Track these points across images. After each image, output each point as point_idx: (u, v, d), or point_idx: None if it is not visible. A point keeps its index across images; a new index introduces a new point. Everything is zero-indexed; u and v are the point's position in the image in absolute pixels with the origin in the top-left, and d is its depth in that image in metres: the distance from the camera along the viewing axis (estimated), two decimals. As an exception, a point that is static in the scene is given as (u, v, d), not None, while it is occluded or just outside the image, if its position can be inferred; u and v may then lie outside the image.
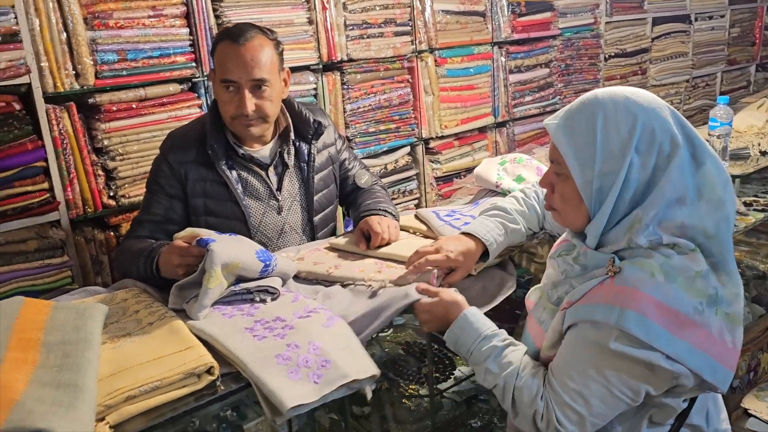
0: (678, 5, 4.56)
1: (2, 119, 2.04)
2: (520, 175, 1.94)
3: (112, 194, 2.33)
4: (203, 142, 1.78)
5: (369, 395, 1.26)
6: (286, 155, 1.86)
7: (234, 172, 1.79)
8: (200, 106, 2.49)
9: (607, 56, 4.16)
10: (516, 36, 3.59)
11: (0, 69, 2.00)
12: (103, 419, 1.09)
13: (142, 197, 2.35)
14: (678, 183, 1.14)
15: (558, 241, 1.36)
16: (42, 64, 2.11)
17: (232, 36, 1.72)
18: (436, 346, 2.04)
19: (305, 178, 1.89)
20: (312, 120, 1.87)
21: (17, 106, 2.07)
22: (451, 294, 1.40)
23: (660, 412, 1.21)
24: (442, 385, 1.95)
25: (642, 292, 1.10)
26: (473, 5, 3.36)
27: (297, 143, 1.88)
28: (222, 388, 1.21)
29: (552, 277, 1.33)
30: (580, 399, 1.15)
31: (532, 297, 1.39)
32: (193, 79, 2.49)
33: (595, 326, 1.13)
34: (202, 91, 2.50)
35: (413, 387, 2.02)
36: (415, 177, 3.32)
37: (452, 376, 1.97)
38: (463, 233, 1.58)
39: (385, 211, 1.82)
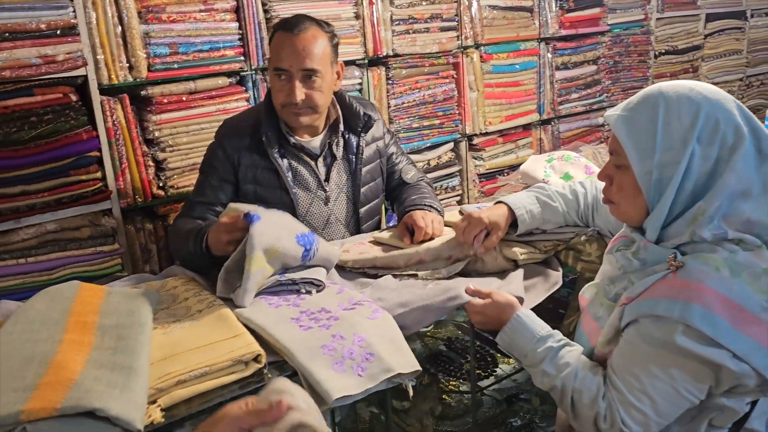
0: (733, 1, 4.42)
1: (60, 110, 2.10)
2: (567, 172, 1.91)
3: (161, 185, 2.39)
4: (257, 130, 1.83)
5: (410, 392, 1.26)
6: (334, 147, 1.89)
7: (285, 161, 1.83)
8: (247, 100, 2.53)
9: (657, 53, 4.07)
10: (563, 32, 3.54)
11: (58, 61, 2.06)
12: (154, 402, 1.12)
13: (190, 188, 2.40)
14: (742, 175, 1.11)
15: (615, 236, 1.34)
16: (98, 57, 2.18)
17: (288, 26, 1.76)
18: (478, 343, 2.03)
19: (353, 170, 1.91)
20: (362, 113, 1.90)
21: (74, 98, 2.14)
22: (504, 295, 1.39)
23: (721, 415, 1.17)
24: (483, 383, 1.95)
25: (707, 285, 1.08)
26: (521, 0, 3.33)
27: (346, 135, 1.91)
28: (269, 376, 1.23)
29: (609, 273, 1.31)
30: (646, 398, 1.12)
31: (586, 294, 1.37)
32: (241, 73, 2.53)
33: (657, 321, 1.11)
34: (250, 84, 2.54)
35: (454, 383, 2.02)
36: (457, 173, 3.31)
37: (494, 374, 1.96)
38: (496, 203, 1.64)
39: (430, 206, 1.82)
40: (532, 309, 1.48)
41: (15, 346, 1.15)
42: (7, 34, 1.97)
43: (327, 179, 1.89)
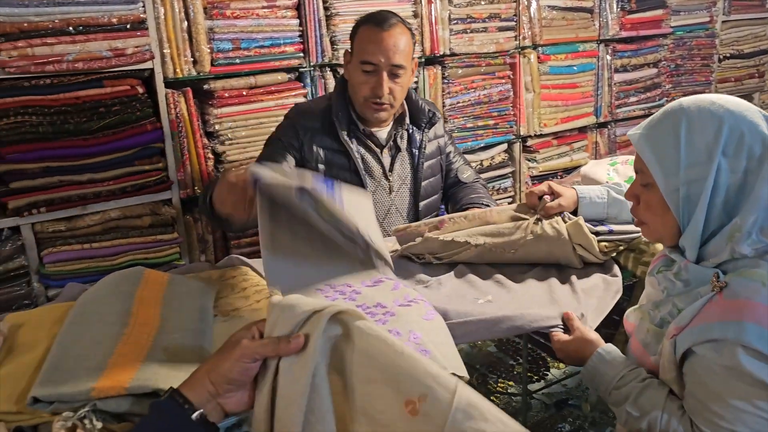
0: (805, 4, 4.25)
1: (127, 101, 2.18)
2: (631, 176, 1.87)
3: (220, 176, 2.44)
4: (328, 114, 1.90)
5: None
6: (399, 139, 1.94)
7: (354, 144, 1.87)
8: (305, 96, 2.57)
9: (721, 57, 3.94)
10: (624, 33, 3.46)
11: (127, 54, 2.13)
12: (215, 387, 1.15)
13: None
14: None
15: (655, 257, 1.32)
16: (164, 51, 2.25)
17: (377, 21, 1.81)
18: (530, 346, 2.01)
19: (415, 164, 1.96)
20: (427, 110, 1.96)
21: (140, 90, 2.21)
22: (587, 331, 1.36)
23: None
24: (533, 386, 1.93)
25: (756, 302, 1.05)
26: (581, 1, 3.27)
27: (410, 130, 1.95)
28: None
29: (652, 296, 1.28)
30: None
31: (631, 318, 1.34)
32: (300, 69, 2.56)
33: (714, 346, 1.07)
34: (308, 80, 2.58)
35: (502, 384, 2.01)
36: (510, 175, 3.28)
37: (545, 377, 1.94)
38: None
39: (487, 206, 1.82)
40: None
41: (85, 327, 1.20)
42: (81, 28, 2.05)
43: (391, 170, 1.93)
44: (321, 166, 1.88)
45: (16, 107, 2.02)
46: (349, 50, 1.90)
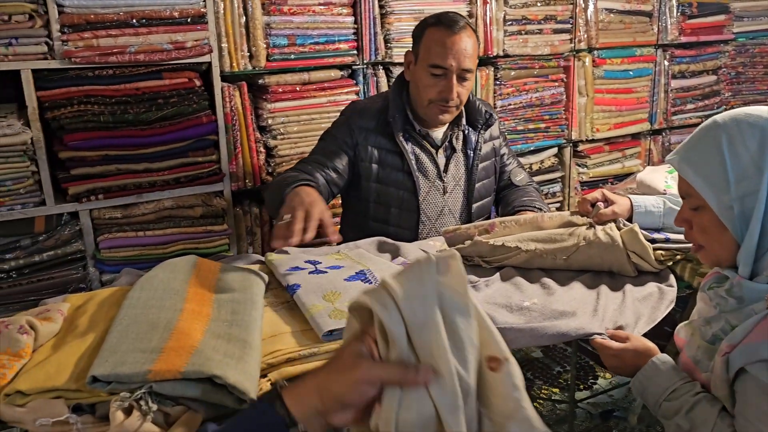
0: None
1: (184, 94, 2.22)
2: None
3: (270, 170, 2.48)
4: (384, 114, 1.89)
5: None
6: (454, 140, 1.93)
7: (409, 145, 1.87)
8: (357, 93, 2.58)
9: (785, 65, 3.79)
10: (683, 39, 3.37)
11: (187, 47, 2.18)
12: (265, 376, 1.16)
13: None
14: None
15: (708, 273, 1.28)
16: (222, 45, 2.29)
17: (446, 23, 1.79)
18: (578, 353, 1.97)
19: (470, 165, 1.95)
20: (484, 111, 1.94)
21: (198, 83, 2.25)
22: (642, 340, 1.33)
23: None
24: (579, 394, 1.89)
25: None
26: (640, 4, 3.20)
27: (466, 131, 1.94)
28: (372, 363, 1.24)
29: (704, 312, 1.24)
30: None
31: (681, 334, 1.31)
32: (353, 67, 2.58)
33: (767, 366, 1.03)
34: (361, 78, 2.59)
35: (546, 390, 1.98)
36: (559, 180, 3.23)
37: (592, 386, 1.90)
38: None
39: (540, 209, 1.80)
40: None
41: (141, 311, 1.23)
42: (144, 20, 2.10)
43: (446, 171, 1.92)
44: (374, 166, 1.88)
45: (80, 96, 2.08)
46: (412, 51, 1.89)
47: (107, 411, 1.00)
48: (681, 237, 1.59)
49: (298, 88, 2.45)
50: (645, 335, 1.38)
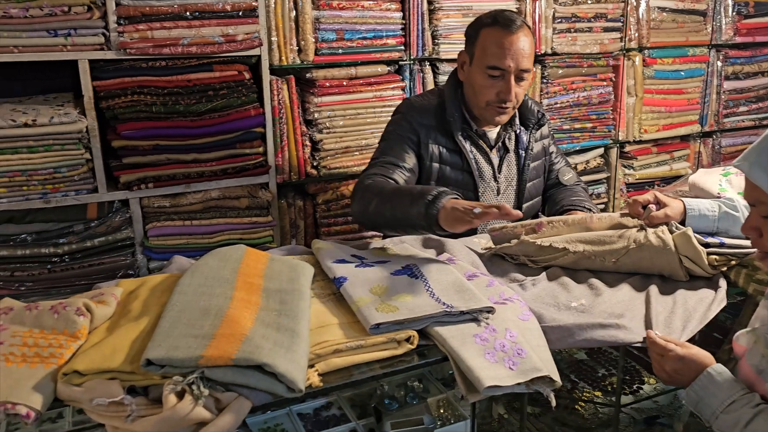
0: None
1: (234, 86, 2.25)
2: (745, 188, 1.77)
3: (315, 164, 2.50)
4: (441, 112, 1.86)
5: (553, 402, 1.22)
6: (507, 140, 1.90)
7: (467, 144, 1.86)
8: (403, 89, 2.58)
9: None
10: (738, 39, 3.28)
11: (238, 40, 2.21)
12: (312, 366, 1.17)
13: (342, 170, 2.50)
14: None
15: None
16: (272, 39, 2.31)
17: (503, 23, 1.75)
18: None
19: (521, 165, 1.92)
20: (536, 110, 1.91)
21: (247, 75, 2.28)
22: (696, 349, 1.28)
23: None
24: (624, 399, 1.86)
25: None
26: (694, 3, 3.12)
27: (518, 130, 1.91)
28: (417, 358, 1.25)
29: (767, 320, 1.20)
30: None
31: (742, 341, 1.26)
32: (400, 62, 2.57)
33: None
34: (407, 74, 2.58)
35: (588, 393, 1.95)
36: (604, 181, 3.18)
37: (637, 391, 1.86)
38: None
39: (589, 210, 1.77)
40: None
41: (192, 298, 1.25)
42: (197, 13, 2.13)
43: (499, 171, 1.90)
44: (435, 165, 1.85)
45: (134, 86, 2.13)
46: (466, 52, 1.85)
47: (160, 394, 1.02)
48: (736, 242, 1.55)
49: (345, 83, 2.46)
50: (691, 341, 1.34)
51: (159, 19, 2.09)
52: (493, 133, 1.91)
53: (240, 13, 2.20)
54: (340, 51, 2.44)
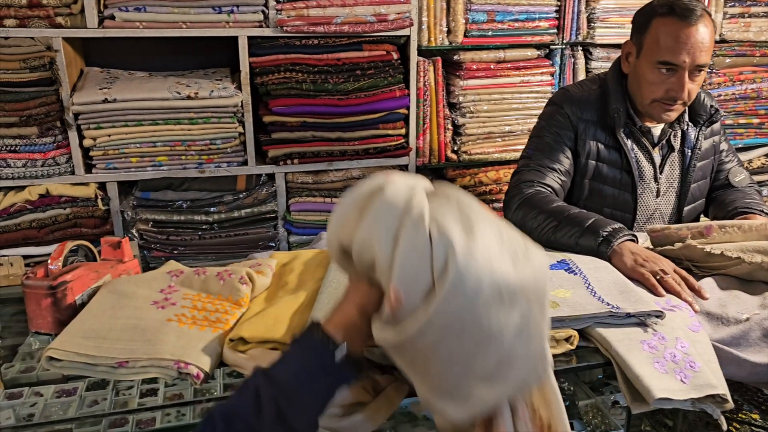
0: None
1: (381, 66, 2.25)
2: None
3: (455, 149, 2.45)
4: (603, 105, 1.72)
5: (724, 425, 1.10)
6: (673, 138, 1.73)
7: (629, 141, 1.71)
8: (552, 74, 2.46)
9: None
10: None
11: (389, 20, 2.19)
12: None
13: (482, 156, 2.43)
14: None
15: None
16: (422, 19, 2.28)
17: (680, 13, 1.55)
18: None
19: (687, 165, 1.74)
20: (709, 105, 1.71)
21: (395, 56, 2.27)
22: None
23: None
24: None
25: None
26: None
27: (686, 127, 1.73)
28: (576, 359, 1.17)
29: None
30: None
31: None
32: (551, 46, 2.46)
33: None
34: (558, 59, 2.46)
35: (744, 414, 1.78)
36: (768, 183, 2.88)
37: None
38: None
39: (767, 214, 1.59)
40: None
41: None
42: (351, -8, 2.14)
43: (661, 171, 1.74)
44: (591, 162, 1.72)
45: (287, 64, 2.18)
46: (633, 42, 1.67)
47: (319, 369, 1.02)
48: None
49: (492, 66, 2.39)
50: None
51: (316, -3, 2.12)
52: (657, 129, 1.73)
53: (395, -7, 2.19)
54: (490, 33, 2.36)
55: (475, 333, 0.83)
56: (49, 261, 1.19)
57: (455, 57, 2.36)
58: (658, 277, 1.32)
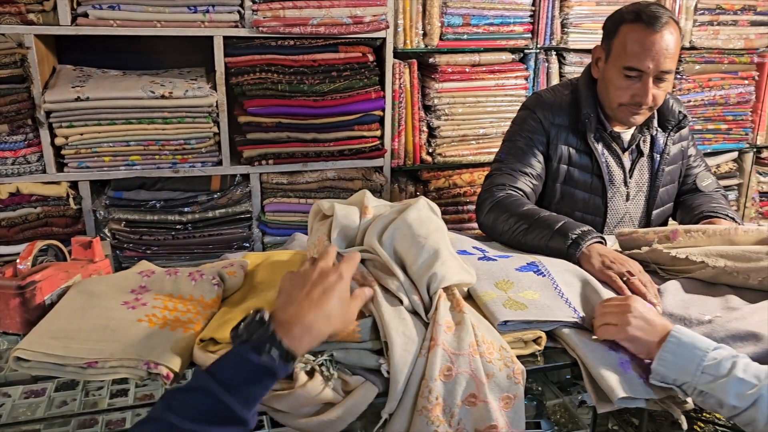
0: None
1: (357, 68, 2.26)
2: None
3: (430, 151, 2.47)
4: (574, 109, 1.75)
5: (684, 424, 1.13)
6: (642, 142, 1.76)
7: (599, 146, 1.74)
8: (526, 78, 2.50)
9: None
10: None
11: (365, 22, 2.20)
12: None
13: (456, 158, 2.45)
14: None
15: None
16: (398, 21, 2.29)
17: (646, 19, 1.58)
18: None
19: (655, 169, 1.77)
20: (677, 111, 1.75)
21: (371, 58, 2.28)
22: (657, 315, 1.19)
23: None
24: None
25: None
26: None
27: (655, 132, 1.77)
28: (542, 359, 1.20)
29: None
30: None
31: None
32: (526, 50, 2.49)
33: None
34: (532, 63, 2.50)
35: (708, 413, 1.82)
36: (736, 188, 2.96)
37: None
38: None
39: (733, 219, 1.63)
40: None
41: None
42: (328, -6, 2.15)
43: (630, 175, 1.77)
44: (563, 167, 1.74)
45: (262, 64, 2.18)
46: (603, 47, 1.70)
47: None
48: None
49: (467, 69, 2.41)
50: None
51: (292, -2, 2.13)
52: (627, 134, 1.77)
53: (369, -5, 2.20)
54: (465, 37, 2.38)
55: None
56: (18, 260, 1.18)
57: (431, 60, 2.38)
58: (624, 279, 1.35)
